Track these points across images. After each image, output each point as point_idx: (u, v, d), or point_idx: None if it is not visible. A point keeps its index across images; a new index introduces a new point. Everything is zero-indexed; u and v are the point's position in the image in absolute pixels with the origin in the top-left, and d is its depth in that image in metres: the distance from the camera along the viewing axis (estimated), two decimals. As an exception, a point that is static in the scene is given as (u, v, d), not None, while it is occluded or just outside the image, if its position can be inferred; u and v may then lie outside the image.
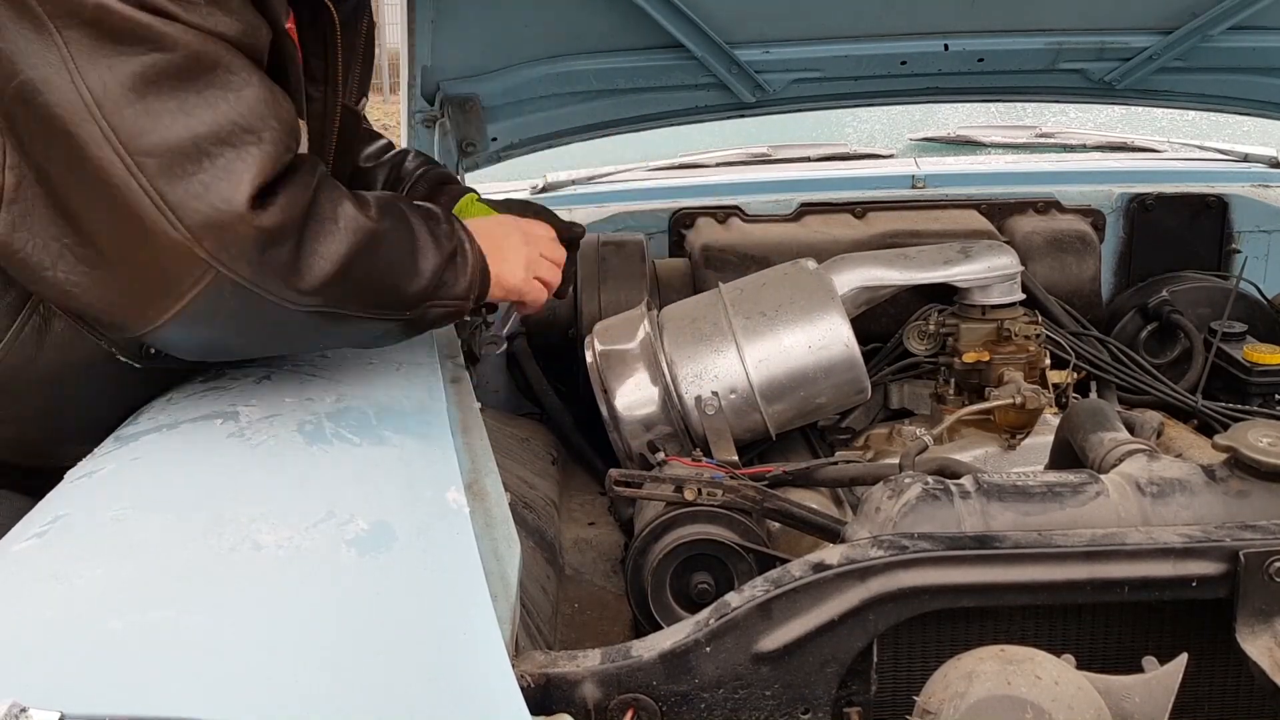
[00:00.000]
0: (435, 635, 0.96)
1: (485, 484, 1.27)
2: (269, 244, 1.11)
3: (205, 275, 1.09)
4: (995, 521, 1.23)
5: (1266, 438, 1.23)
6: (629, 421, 1.76)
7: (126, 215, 1.07)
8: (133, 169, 1.06)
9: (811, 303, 1.78)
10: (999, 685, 0.98)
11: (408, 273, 1.30)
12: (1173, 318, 2.21)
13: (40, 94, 1.06)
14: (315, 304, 1.18)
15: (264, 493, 1.12)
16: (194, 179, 1.07)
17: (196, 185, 1.07)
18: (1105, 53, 2.38)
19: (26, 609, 0.93)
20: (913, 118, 4.07)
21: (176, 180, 1.06)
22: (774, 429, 1.78)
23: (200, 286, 1.09)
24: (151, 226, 1.07)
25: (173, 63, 1.07)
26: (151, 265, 1.10)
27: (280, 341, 1.29)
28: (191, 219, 1.07)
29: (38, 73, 1.06)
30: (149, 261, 1.10)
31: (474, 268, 1.39)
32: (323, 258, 1.17)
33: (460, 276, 1.37)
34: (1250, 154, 2.90)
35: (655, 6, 2.19)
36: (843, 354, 1.76)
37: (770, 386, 1.75)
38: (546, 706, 1.07)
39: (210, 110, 1.09)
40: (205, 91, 1.09)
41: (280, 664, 0.89)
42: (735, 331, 1.76)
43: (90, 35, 1.05)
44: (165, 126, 1.06)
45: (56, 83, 1.05)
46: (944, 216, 2.35)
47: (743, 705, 1.11)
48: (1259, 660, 1.07)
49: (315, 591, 0.98)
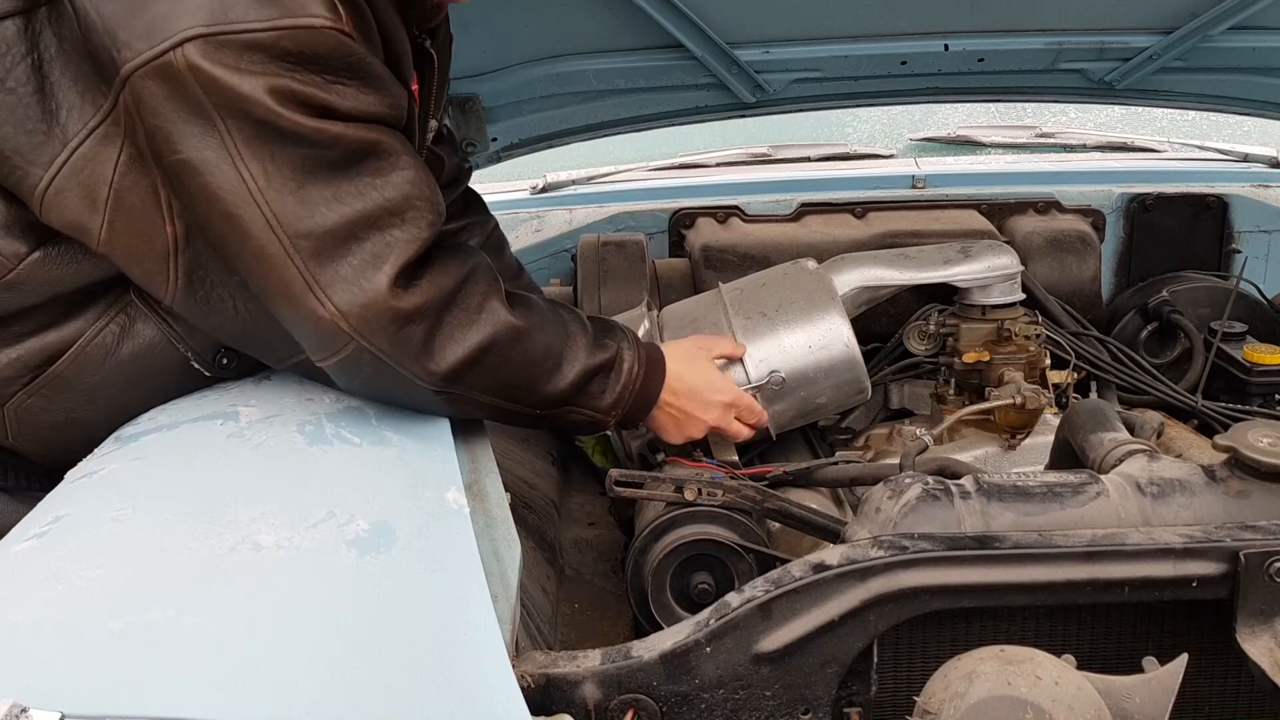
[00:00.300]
0: (435, 635, 0.96)
1: (485, 484, 1.27)
2: (405, 323, 1.21)
3: (348, 345, 1.21)
4: (995, 522, 1.23)
5: (1266, 438, 1.23)
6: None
7: (283, 287, 1.19)
8: (289, 250, 1.17)
9: (812, 303, 1.78)
10: (999, 685, 0.98)
11: (548, 373, 1.36)
12: (1173, 318, 2.21)
13: (200, 174, 1.15)
14: (444, 385, 1.27)
15: (264, 493, 1.12)
16: (343, 262, 1.19)
17: (345, 268, 1.19)
18: (1105, 53, 2.38)
19: (27, 609, 0.93)
20: (913, 118, 4.07)
21: (327, 263, 1.18)
22: (774, 429, 1.78)
23: (345, 354, 1.22)
24: (303, 300, 1.19)
25: (328, 157, 1.18)
26: (303, 328, 1.22)
27: (414, 406, 1.34)
28: (339, 298, 1.19)
29: (197, 154, 1.15)
30: (300, 324, 1.22)
31: (624, 387, 1.44)
32: (458, 343, 1.26)
33: (608, 390, 1.43)
34: (1250, 154, 2.90)
35: (655, 6, 2.18)
36: (843, 354, 1.76)
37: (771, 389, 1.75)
38: (547, 707, 1.07)
39: (361, 199, 1.20)
40: (357, 180, 1.20)
41: (280, 664, 0.89)
42: (735, 332, 1.76)
43: (255, 129, 1.14)
44: (321, 214, 1.18)
45: (218, 166, 1.15)
46: (944, 216, 2.35)
47: (743, 705, 1.11)
48: (1259, 660, 1.07)
49: (315, 592, 0.98)
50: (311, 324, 1.20)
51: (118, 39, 1.13)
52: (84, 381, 1.30)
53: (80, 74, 1.18)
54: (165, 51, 1.12)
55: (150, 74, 1.13)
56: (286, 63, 1.14)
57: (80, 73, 1.18)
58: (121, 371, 1.31)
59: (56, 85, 1.18)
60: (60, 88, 1.18)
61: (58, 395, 1.30)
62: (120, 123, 1.17)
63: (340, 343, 1.21)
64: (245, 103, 1.13)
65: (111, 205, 1.20)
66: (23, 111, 1.19)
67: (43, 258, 1.25)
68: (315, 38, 1.15)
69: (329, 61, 1.17)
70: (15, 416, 1.31)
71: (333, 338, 1.20)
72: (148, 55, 1.12)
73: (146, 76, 1.13)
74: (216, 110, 1.13)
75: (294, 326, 1.23)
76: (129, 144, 1.18)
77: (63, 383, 1.30)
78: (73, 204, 1.20)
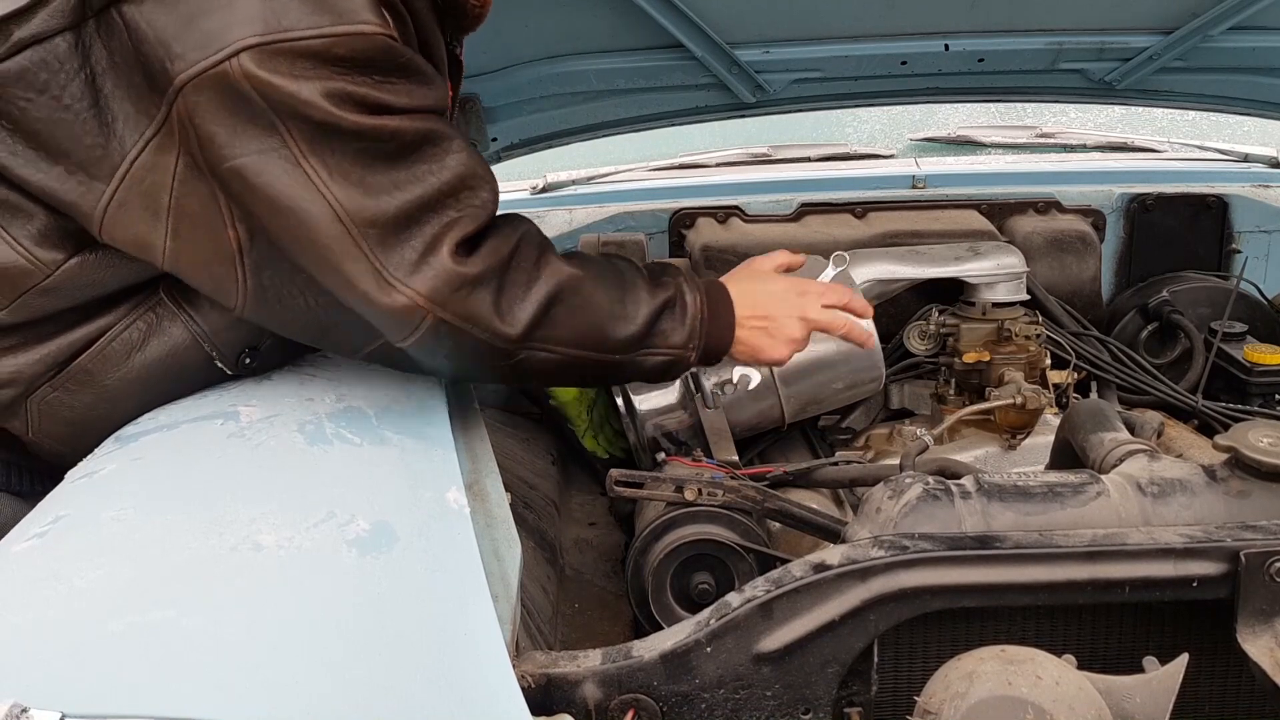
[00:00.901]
0: (436, 635, 0.96)
1: (486, 484, 1.27)
2: (473, 288, 1.26)
3: (425, 320, 1.24)
4: (996, 522, 1.23)
5: (1267, 438, 1.23)
6: (645, 410, 1.76)
7: (355, 277, 1.22)
8: (358, 239, 1.20)
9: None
10: (1000, 685, 0.98)
11: (616, 317, 1.40)
12: (1173, 318, 2.21)
13: (261, 176, 1.18)
14: (522, 344, 1.31)
15: (264, 493, 1.12)
16: (408, 245, 1.23)
17: (410, 251, 1.23)
18: (1105, 53, 2.38)
19: (27, 609, 0.93)
20: (913, 118, 4.07)
21: (393, 247, 1.22)
22: (789, 414, 1.78)
23: (423, 330, 1.25)
24: (376, 285, 1.22)
25: (387, 149, 1.22)
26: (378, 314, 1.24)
27: (501, 376, 1.40)
28: (409, 277, 1.22)
29: (257, 158, 1.17)
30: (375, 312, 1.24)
31: (693, 319, 1.46)
32: (525, 300, 1.31)
33: (678, 325, 1.45)
34: (1250, 154, 2.89)
35: (655, 6, 2.18)
36: None
37: (789, 370, 1.75)
38: (547, 707, 1.07)
39: (420, 184, 1.24)
40: (415, 167, 1.24)
41: (280, 664, 0.89)
42: None
43: (314, 129, 1.17)
44: (384, 201, 1.21)
45: (281, 166, 1.18)
46: (944, 216, 2.35)
47: (743, 705, 1.11)
48: (1259, 660, 1.07)
49: (316, 592, 0.98)
50: (386, 307, 1.23)
51: (171, 50, 1.15)
52: (107, 377, 1.31)
53: (132, 85, 1.19)
54: (220, 61, 1.14)
55: (205, 83, 1.15)
56: (339, 67, 1.17)
57: (132, 84, 1.19)
58: (144, 368, 1.32)
59: (110, 98, 1.20)
60: (114, 100, 1.20)
61: (80, 390, 1.32)
62: (174, 133, 1.18)
63: (417, 319, 1.24)
64: (303, 106, 1.15)
65: (174, 213, 1.22)
66: (80, 127, 1.20)
67: (80, 263, 1.26)
68: (366, 43, 1.18)
69: (379, 65, 1.20)
70: (37, 411, 1.32)
71: (409, 316, 1.23)
72: (203, 65, 1.14)
73: (201, 86, 1.15)
74: (275, 114, 1.16)
75: (370, 313, 1.25)
76: (184, 153, 1.19)
77: (86, 377, 1.31)
78: (135, 215, 1.22)
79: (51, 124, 1.20)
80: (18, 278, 1.25)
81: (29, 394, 1.31)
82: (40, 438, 1.33)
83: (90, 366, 1.31)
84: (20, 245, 1.25)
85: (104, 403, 1.32)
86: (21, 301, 1.26)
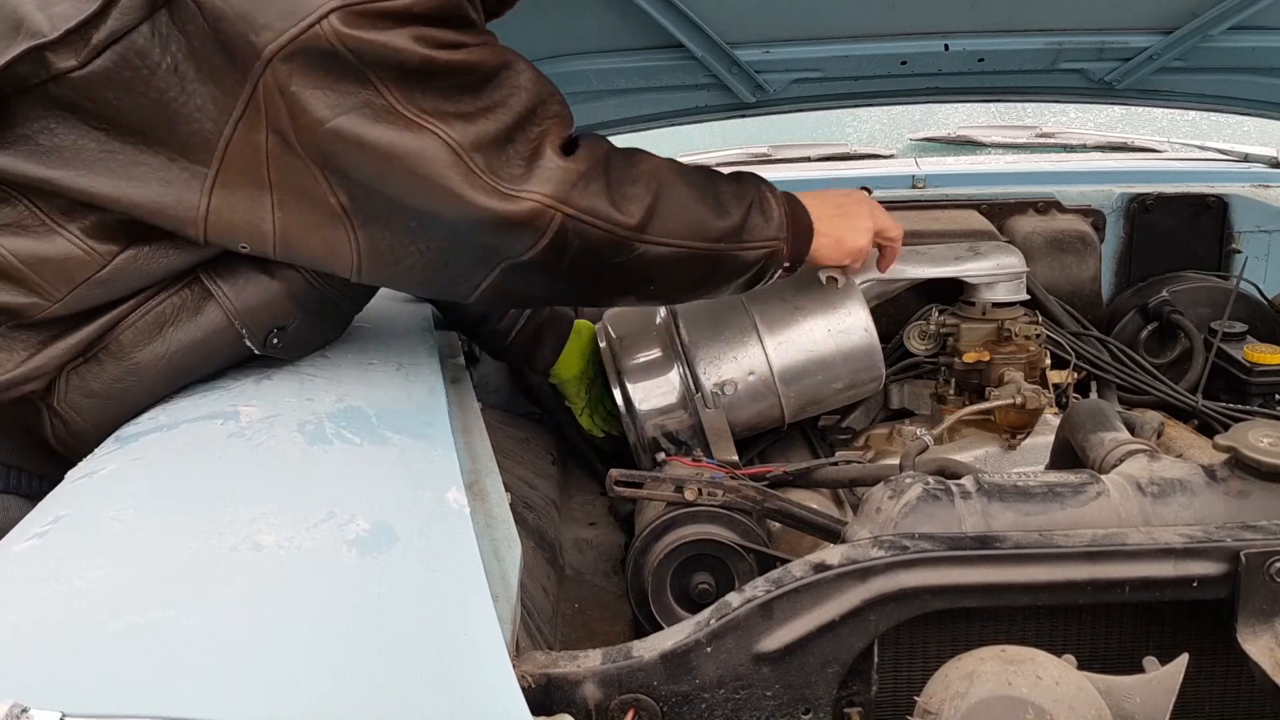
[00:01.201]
0: (436, 635, 0.96)
1: (486, 484, 1.27)
2: (586, 179, 1.33)
3: (551, 220, 1.30)
4: (996, 522, 1.23)
5: (1267, 438, 1.23)
6: (645, 410, 1.76)
7: (473, 201, 1.26)
8: (470, 164, 1.26)
9: (830, 289, 1.79)
10: (1000, 686, 0.98)
11: (714, 210, 1.47)
12: (1173, 318, 2.21)
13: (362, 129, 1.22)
14: (641, 233, 1.38)
15: (264, 493, 1.12)
16: (516, 158, 1.30)
17: (518, 163, 1.30)
18: (1105, 53, 2.38)
19: (27, 609, 0.92)
20: (913, 118, 4.07)
21: (503, 163, 1.29)
22: (789, 414, 1.78)
23: (551, 232, 1.30)
24: (496, 203, 1.27)
25: (473, 80, 1.29)
26: (504, 227, 1.29)
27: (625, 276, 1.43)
28: (525, 186, 1.29)
29: (357, 113, 1.21)
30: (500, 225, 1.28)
31: (779, 211, 1.55)
32: (634, 191, 1.39)
33: (767, 219, 1.53)
34: (1250, 154, 2.90)
35: (655, 6, 2.18)
36: (862, 340, 1.77)
37: (789, 370, 1.76)
38: (547, 707, 1.07)
39: (508, 105, 1.31)
40: (498, 91, 1.31)
41: (281, 664, 0.89)
42: (754, 316, 1.77)
43: (406, 75, 1.23)
44: (484, 126, 1.28)
45: (380, 116, 1.22)
46: (944, 216, 2.35)
47: (744, 705, 1.11)
48: (1260, 661, 1.07)
49: (316, 592, 0.98)
50: (515, 216, 1.28)
51: (255, 23, 1.17)
52: (137, 350, 1.33)
53: (213, 68, 1.21)
54: (310, 26, 1.17)
55: (295, 50, 1.18)
56: (418, 22, 1.23)
57: (213, 67, 1.21)
58: (174, 345, 1.35)
59: (194, 84, 1.21)
60: (199, 85, 1.21)
61: (110, 361, 1.33)
62: (260, 109, 1.20)
63: (545, 221, 1.29)
64: (395, 53, 1.21)
65: (275, 188, 1.25)
66: (174, 117, 1.22)
67: (134, 255, 1.29)
68: (440, 3, 1.25)
69: (451, 20, 1.27)
70: (65, 382, 1.33)
71: (537, 220, 1.29)
72: (293, 32, 1.17)
73: (291, 54, 1.18)
74: (368, 68, 1.20)
75: (496, 231, 1.29)
76: (272, 130, 1.22)
77: (117, 348, 1.33)
78: (240, 195, 1.25)
79: (146, 116, 1.22)
80: (75, 269, 1.27)
81: (64, 366, 1.32)
82: (65, 408, 1.34)
83: (122, 339, 1.33)
84: (77, 237, 1.27)
85: (131, 376, 1.34)
86: (77, 293, 1.28)
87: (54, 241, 1.26)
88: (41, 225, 1.26)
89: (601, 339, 1.84)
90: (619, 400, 1.78)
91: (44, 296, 1.27)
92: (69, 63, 1.20)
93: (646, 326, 1.81)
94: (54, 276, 1.27)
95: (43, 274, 1.26)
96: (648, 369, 1.78)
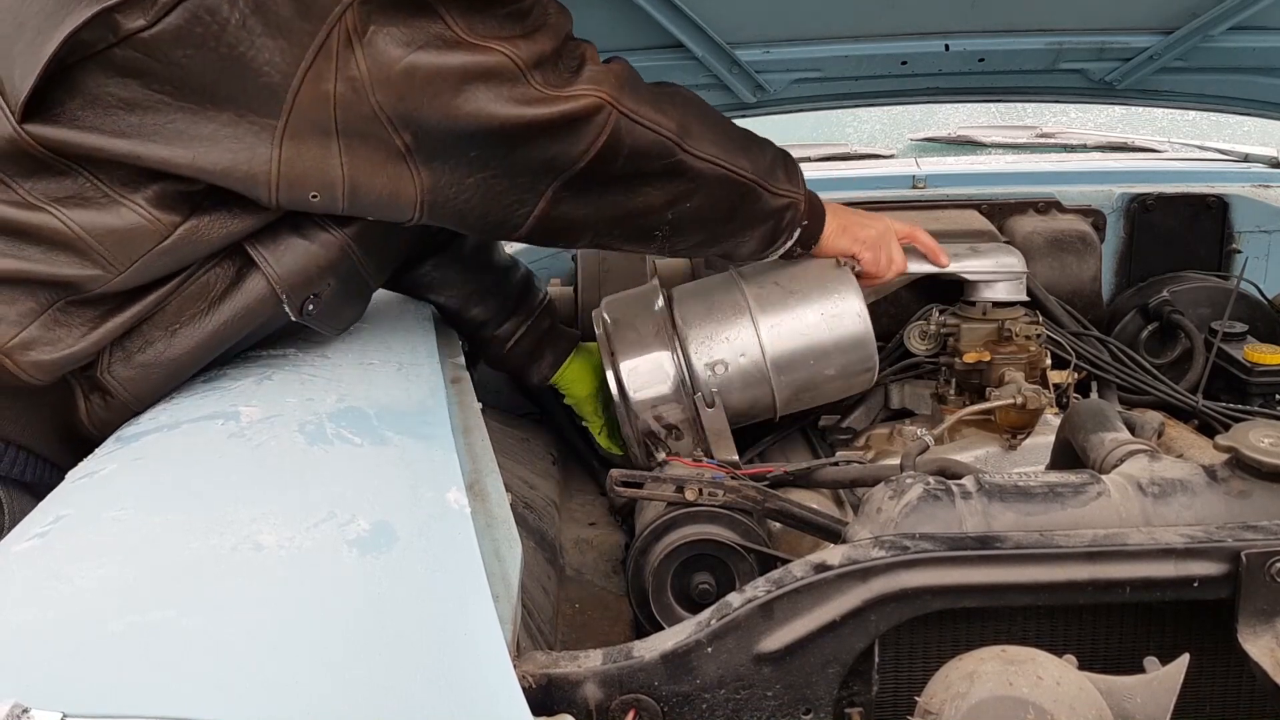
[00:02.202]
0: (436, 636, 0.96)
1: (486, 484, 1.27)
2: (633, 86, 1.45)
3: (608, 116, 1.40)
4: (997, 522, 1.23)
5: (1268, 438, 1.22)
6: (640, 400, 1.76)
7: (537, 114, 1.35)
8: (531, 78, 1.36)
9: (825, 276, 1.79)
10: (1000, 686, 0.98)
11: (744, 145, 1.59)
12: (1173, 318, 2.21)
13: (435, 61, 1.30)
14: (682, 139, 1.49)
15: (265, 493, 1.12)
16: (568, 69, 1.41)
17: (569, 73, 1.41)
18: (1105, 53, 2.38)
19: (27, 609, 0.92)
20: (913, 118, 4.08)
21: (559, 74, 1.40)
22: (781, 403, 1.78)
23: (606, 129, 1.40)
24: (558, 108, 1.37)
25: (519, 9, 1.38)
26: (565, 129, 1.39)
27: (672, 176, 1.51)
28: (577, 87, 1.39)
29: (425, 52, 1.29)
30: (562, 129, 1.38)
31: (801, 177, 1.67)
32: (669, 102, 1.50)
33: (790, 175, 1.65)
34: (1250, 154, 2.90)
35: (655, 6, 2.18)
36: (855, 326, 1.77)
37: (781, 355, 1.75)
38: (548, 707, 1.07)
39: (551, 29, 1.41)
40: (540, 19, 1.40)
41: (281, 664, 0.89)
42: (749, 299, 1.77)
43: (470, 5, 1.32)
44: (535, 44, 1.37)
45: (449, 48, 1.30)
46: (944, 216, 2.35)
47: (744, 706, 1.11)
48: (1260, 661, 1.07)
49: (316, 592, 0.98)
50: (578, 111, 1.37)
51: None
52: (183, 316, 1.37)
53: (281, 20, 1.23)
54: None
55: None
56: None
57: (280, 19, 1.23)
58: (219, 313, 1.39)
59: (261, 37, 1.23)
60: (266, 37, 1.23)
61: (154, 329, 1.36)
62: (333, 55, 1.24)
63: (604, 116, 1.40)
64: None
65: (342, 131, 1.30)
66: (242, 72, 1.23)
67: (196, 224, 1.32)
68: None
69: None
70: (110, 355, 1.36)
71: (597, 114, 1.39)
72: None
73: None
74: (438, 3, 1.29)
75: (554, 137, 1.38)
76: (342, 78, 1.26)
77: (161, 317, 1.36)
78: (310, 145, 1.29)
79: (215, 73, 1.23)
80: (141, 239, 1.29)
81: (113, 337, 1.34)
82: (109, 379, 1.36)
83: (168, 309, 1.36)
84: (142, 208, 1.28)
85: (176, 342, 1.37)
86: (142, 263, 1.30)
87: (119, 212, 1.28)
88: (105, 197, 1.28)
89: (598, 326, 1.83)
90: (612, 388, 1.77)
91: (106, 268, 1.29)
92: (138, 22, 1.20)
93: (643, 312, 1.81)
94: (118, 247, 1.28)
95: (107, 245, 1.28)
96: (643, 355, 1.77)
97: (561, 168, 1.41)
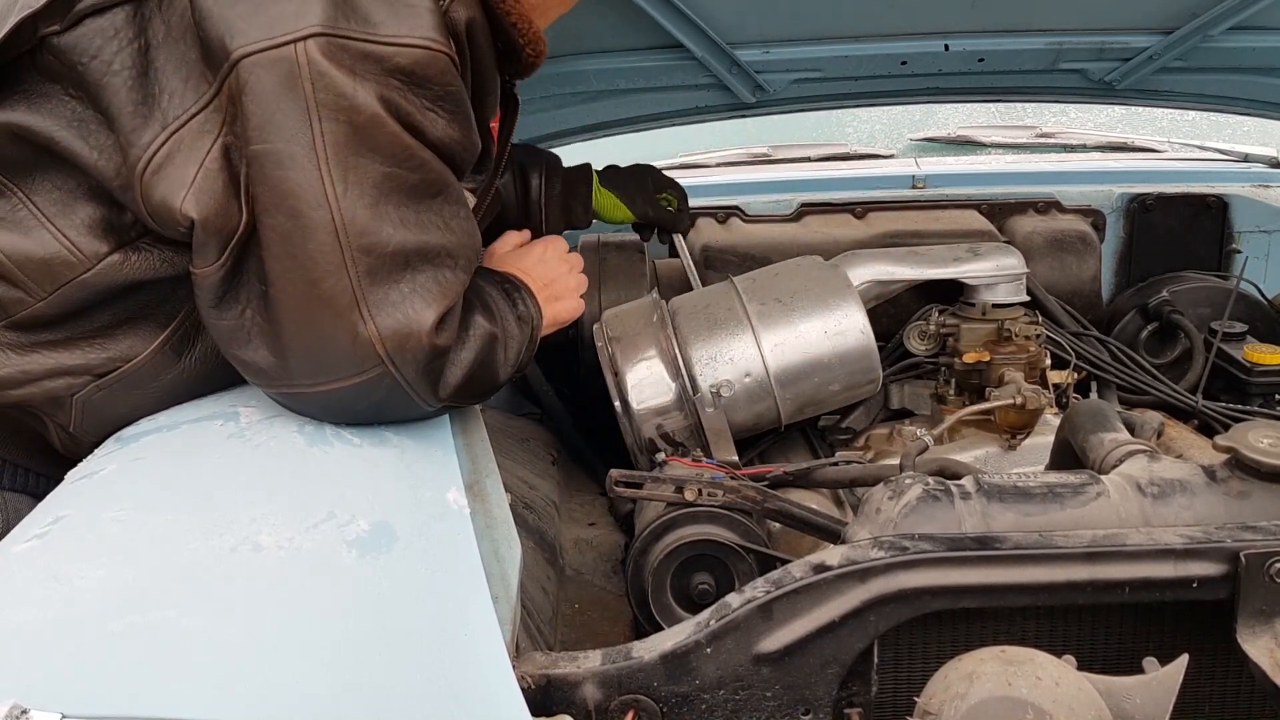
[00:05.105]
0: (436, 636, 0.96)
1: (486, 485, 1.27)
2: (436, 358, 1.24)
3: (375, 369, 1.20)
4: (996, 522, 1.23)
5: (1267, 438, 1.23)
6: (642, 410, 1.76)
7: (330, 297, 1.18)
8: (348, 261, 1.17)
9: (827, 290, 1.79)
10: (999, 686, 0.98)
11: (502, 365, 1.38)
12: (1173, 318, 2.21)
13: (281, 168, 1.16)
14: (444, 405, 1.30)
15: (264, 493, 1.12)
16: (395, 287, 1.20)
17: (395, 294, 1.20)
18: (1105, 53, 2.38)
19: (27, 609, 0.93)
20: (913, 118, 4.08)
21: (380, 284, 1.19)
22: (785, 416, 1.78)
23: (368, 376, 1.21)
24: (347, 314, 1.18)
25: (409, 181, 1.21)
26: (327, 346, 1.20)
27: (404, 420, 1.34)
28: (383, 320, 1.19)
29: (285, 147, 1.15)
30: (326, 342, 1.20)
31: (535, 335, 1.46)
32: (457, 366, 1.29)
33: (530, 349, 1.45)
34: (1250, 154, 2.90)
35: (655, 6, 2.18)
36: (859, 341, 1.77)
37: (786, 372, 1.75)
38: (547, 707, 1.07)
39: (426, 231, 1.22)
40: (428, 212, 1.23)
41: (281, 665, 0.89)
42: (750, 317, 1.77)
43: (349, 135, 1.16)
44: (387, 234, 1.18)
45: (302, 164, 1.15)
46: (944, 217, 2.35)
47: (743, 706, 1.11)
48: (1259, 661, 1.07)
49: (316, 592, 0.98)
50: (347, 341, 1.19)
51: (234, 27, 1.16)
52: (156, 380, 1.33)
53: (185, 62, 1.20)
54: (287, 43, 1.14)
55: (265, 62, 1.14)
56: (397, 77, 1.18)
57: (185, 60, 1.20)
58: (193, 370, 1.35)
59: (160, 71, 1.21)
60: (164, 74, 1.21)
61: (127, 392, 1.33)
62: (221, 109, 1.19)
63: (369, 365, 1.20)
64: (353, 106, 1.15)
65: (199, 181, 1.19)
66: (126, 94, 1.21)
67: (121, 260, 1.27)
68: (429, 60, 1.19)
69: (432, 86, 1.20)
70: (80, 409, 1.32)
71: (364, 358, 1.20)
72: (268, 43, 1.14)
73: (260, 64, 1.15)
74: (319, 109, 1.15)
75: (324, 341, 1.20)
76: (226, 133, 1.19)
77: (135, 380, 1.32)
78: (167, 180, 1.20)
79: (98, 87, 1.21)
80: (60, 268, 1.26)
81: (74, 392, 1.31)
82: (83, 434, 1.34)
83: (142, 372, 1.32)
84: (65, 236, 1.26)
85: (150, 402, 1.34)
86: (61, 293, 1.27)
87: (40, 239, 1.26)
88: (32, 219, 1.26)
89: (599, 339, 1.83)
90: (615, 401, 1.78)
91: (29, 293, 1.27)
92: (52, 26, 1.20)
93: (644, 326, 1.81)
94: (38, 274, 1.26)
95: (27, 270, 1.26)
96: (645, 369, 1.77)
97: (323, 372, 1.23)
